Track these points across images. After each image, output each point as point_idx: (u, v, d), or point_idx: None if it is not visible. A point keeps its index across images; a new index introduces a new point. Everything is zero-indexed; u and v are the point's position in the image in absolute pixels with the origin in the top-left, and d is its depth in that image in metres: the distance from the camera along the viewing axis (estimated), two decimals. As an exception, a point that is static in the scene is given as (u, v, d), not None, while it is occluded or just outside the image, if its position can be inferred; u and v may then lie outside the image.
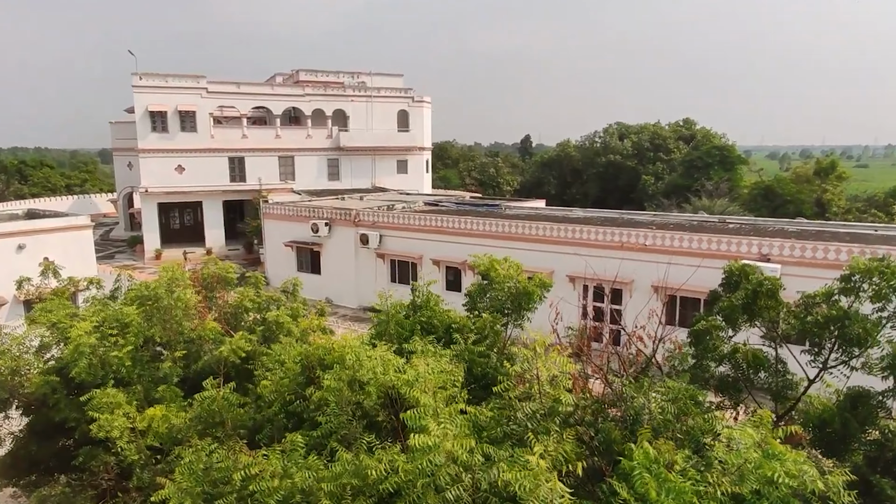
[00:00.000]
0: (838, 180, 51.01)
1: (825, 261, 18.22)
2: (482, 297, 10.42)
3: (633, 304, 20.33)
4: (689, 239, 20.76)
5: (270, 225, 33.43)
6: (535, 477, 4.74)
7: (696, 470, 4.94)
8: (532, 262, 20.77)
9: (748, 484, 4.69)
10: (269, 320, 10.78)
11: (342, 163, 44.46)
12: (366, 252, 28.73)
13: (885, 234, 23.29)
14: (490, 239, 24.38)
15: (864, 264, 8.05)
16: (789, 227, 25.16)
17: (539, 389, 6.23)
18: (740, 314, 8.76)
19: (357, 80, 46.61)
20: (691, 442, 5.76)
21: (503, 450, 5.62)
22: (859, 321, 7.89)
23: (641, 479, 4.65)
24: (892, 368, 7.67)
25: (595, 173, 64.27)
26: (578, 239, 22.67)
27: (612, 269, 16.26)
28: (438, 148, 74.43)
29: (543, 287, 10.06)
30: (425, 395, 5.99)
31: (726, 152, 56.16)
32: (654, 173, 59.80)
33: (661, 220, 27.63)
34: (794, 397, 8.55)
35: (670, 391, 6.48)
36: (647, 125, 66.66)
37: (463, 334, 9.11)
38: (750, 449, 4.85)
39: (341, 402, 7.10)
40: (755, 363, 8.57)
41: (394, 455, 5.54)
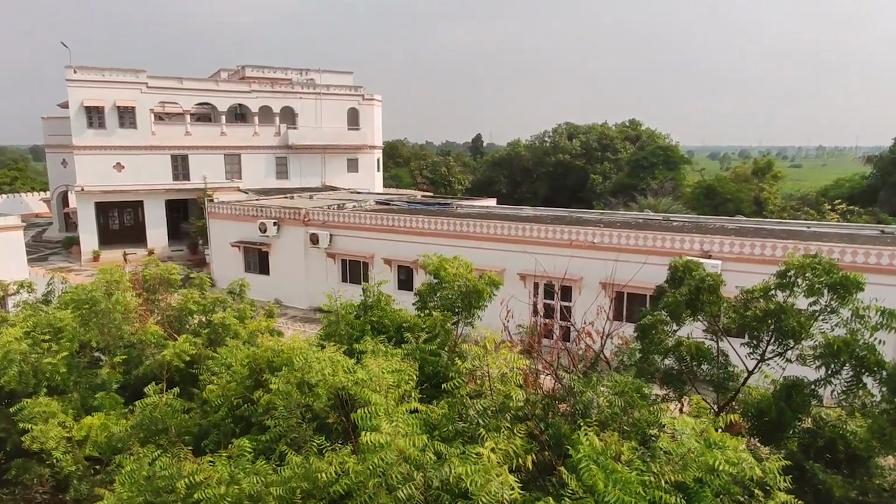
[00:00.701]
0: (774, 180, 53.46)
1: (762, 257, 19.03)
2: (432, 296, 10.42)
3: (582, 301, 20.77)
4: (635, 237, 21.32)
5: (216, 225, 32.54)
6: (486, 472, 4.77)
7: (641, 460, 5.06)
8: (483, 260, 20.91)
9: (690, 472, 4.83)
10: (214, 323, 10.48)
11: (291, 161, 43.69)
12: (316, 252, 28.32)
13: (817, 231, 24.54)
14: (441, 238, 24.42)
15: (799, 260, 8.42)
16: (729, 225, 26.16)
17: (490, 386, 6.27)
18: (684, 309, 9.04)
19: (305, 77, 45.89)
20: (637, 433, 5.90)
21: (455, 447, 5.62)
22: (794, 315, 8.26)
23: (589, 471, 4.73)
24: (824, 359, 8.05)
25: (545, 172, 65.30)
26: (528, 237, 22.95)
27: (561, 267, 16.53)
28: (390, 146, 74.05)
29: (493, 285, 10.14)
30: (377, 394, 5.95)
31: (670, 152, 58.09)
32: (602, 173, 61.22)
33: (609, 219, 28.29)
34: (734, 388, 8.88)
35: (617, 385, 6.62)
36: (595, 125, 68.20)
37: (414, 333, 9.10)
38: (692, 438, 5.00)
39: (290, 404, 6.97)
40: (698, 356, 8.87)
41: (344, 456, 5.47)
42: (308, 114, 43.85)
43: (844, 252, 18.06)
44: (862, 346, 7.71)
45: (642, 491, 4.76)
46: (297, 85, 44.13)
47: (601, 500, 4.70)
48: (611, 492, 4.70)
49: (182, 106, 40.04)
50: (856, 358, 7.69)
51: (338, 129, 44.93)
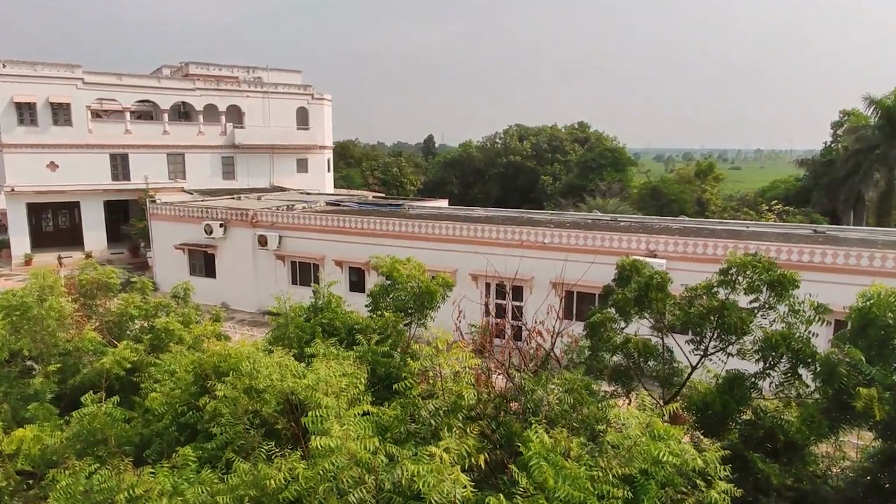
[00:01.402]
0: (715, 181, 55.59)
1: (705, 256, 19.71)
2: (385, 297, 10.38)
3: (533, 301, 21.03)
4: (584, 237, 21.74)
5: (159, 226, 31.45)
6: (439, 472, 4.75)
7: (590, 455, 5.14)
8: (435, 261, 20.92)
9: (636, 464, 4.94)
10: (157, 328, 10.10)
11: (238, 161, 42.66)
12: (264, 254, 27.72)
13: (756, 231, 25.61)
14: (393, 239, 24.30)
15: (740, 259, 8.75)
16: (673, 225, 26.99)
17: (442, 386, 6.26)
18: (632, 307, 9.26)
19: (253, 76, 44.90)
20: (586, 429, 6.00)
21: (407, 448, 5.59)
22: (735, 311, 8.57)
23: (539, 468, 4.78)
24: (763, 353, 8.38)
25: (496, 173, 65.92)
26: (480, 238, 23.10)
27: (512, 267, 16.70)
28: (340, 147, 73.29)
29: (446, 286, 10.18)
30: (327, 397, 5.86)
31: (617, 154, 59.64)
32: (552, 174, 62.26)
33: (559, 219, 28.77)
34: (679, 383, 9.15)
35: (567, 383, 6.72)
36: (545, 127, 69.31)
37: (366, 335, 9.01)
38: (638, 431, 5.12)
39: (237, 411, 6.78)
40: (645, 352, 9.10)
41: (294, 462, 5.35)
42: (255, 113, 42.92)
43: (781, 251, 18.90)
44: (798, 339, 8.06)
45: (591, 485, 4.83)
46: (244, 83, 43.14)
47: (551, 496, 4.75)
48: (561, 488, 4.76)
49: (121, 103, 38.54)
50: (792, 351, 8.03)
51: (287, 128, 44.14)
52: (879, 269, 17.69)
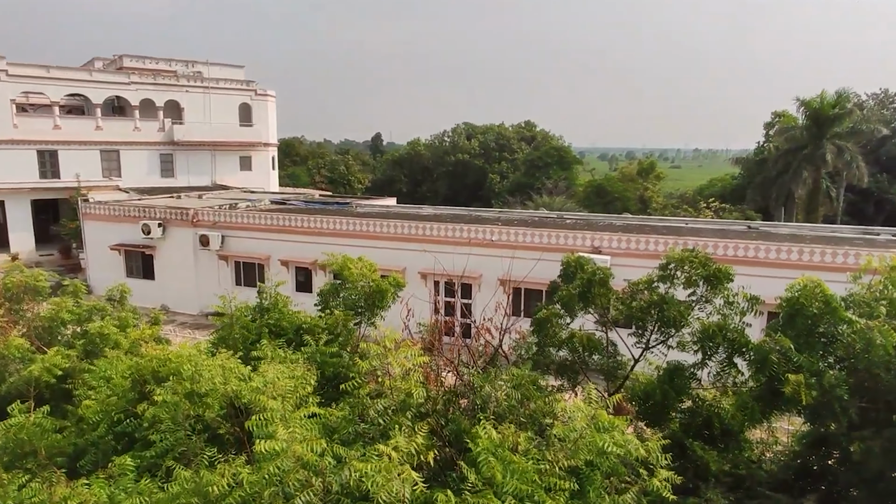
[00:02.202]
0: (657, 179, 57.49)
1: (647, 252, 20.32)
2: (335, 296, 10.29)
3: (481, 298, 21.18)
4: (531, 234, 22.07)
5: (92, 226, 30.07)
6: (388, 471, 4.72)
7: (537, 449, 5.21)
8: (383, 259, 20.77)
9: (582, 456, 5.05)
10: (91, 333, 9.66)
11: (177, 158, 41.21)
12: (207, 254, 26.90)
13: (694, 227, 26.60)
14: (341, 238, 24.02)
15: (678, 254, 9.06)
16: (617, 222, 27.73)
17: (391, 385, 6.22)
18: (577, 302, 9.46)
19: (192, 70, 43.43)
20: (534, 424, 6.08)
21: (356, 449, 5.54)
22: (675, 305, 8.87)
23: (488, 464, 4.82)
24: (701, 344, 8.71)
25: (445, 171, 66.11)
26: (429, 236, 23.10)
27: (461, 265, 16.77)
28: (286, 144, 71.90)
29: (397, 286, 10.16)
30: (273, 400, 5.73)
31: (563, 153, 60.80)
32: (500, 172, 62.91)
33: (506, 217, 29.10)
34: (622, 376, 9.41)
35: (515, 378, 6.80)
36: (493, 126, 69.94)
37: (314, 335, 8.88)
38: (583, 424, 5.23)
39: (178, 416, 6.55)
40: (590, 346, 9.31)
41: (238, 467, 5.20)
42: (195, 108, 41.54)
43: (717, 246, 19.69)
44: (733, 330, 8.42)
45: (538, 479, 4.91)
46: (183, 78, 41.67)
47: (500, 491, 4.79)
48: (509, 482, 4.81)
49: (49, 97, 36.58)
50: (728, 341, 8.38)
51: (229, 124, 42.92)
52: (807, 263, 18.67)
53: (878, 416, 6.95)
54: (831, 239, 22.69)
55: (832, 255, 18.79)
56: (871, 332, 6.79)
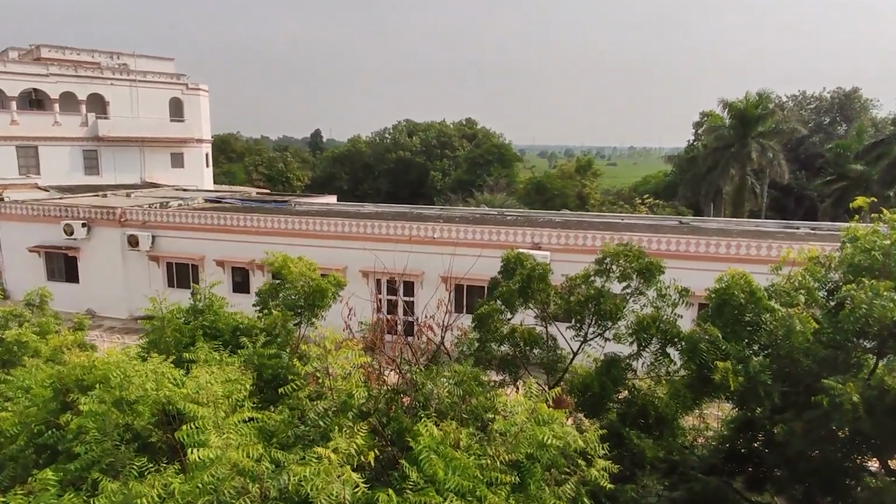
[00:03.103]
0: (594, 177, 59.00)
1: (584, 247, 20.81)
2: (274, 296, 10.08)
3: (424, 295, 21.17)
4: (472, 231, 22.22)
5: (9, 227, 28.25)
6: (328, 473, 4.64)
7: (479, 445, 5.24)
8: (324, 258, 20.45)
9: (523, 449, 5.11)
10: (7, 341, 9.06)
11: (103, 155, 39.18)
12: (136, 255, 25.76)
13: (629, 223, 27.45)
14: (280, 237, 23.50)
15: (613, 249, 9.31)
16: (556, 218, 28.30)
17: (330, 386, 6.12)
18: (517, 298, 9.57)
19: (118, 62, 41.33)
20: (476, 419, 6.11)
21: (295, 453, 5.41)
22: (610, 298, 9.12)
23: (429, 461, 4.81)
24: (636, 335, 8.98)
25: (386, 169, 65.71)
26: (370, 234, 22.92)
27: (402, 263, 16.71)
28: (220, 141, 69.69)
29: (338, 285, 10.02)
30: (206, 406, 5.53)
31: (504, 150, 61.54)
32: (442, 169, 63.05)
33: (448, 214, 29.19)
34: (562, 369, 9.60)
35: (456, 375, 6.81)
36: (434, 123, 70.01)
37: (251, 337, 8.65)
38: (523, 417, 5.29)
39: (106, 426, 6.22)
40: (530, 341, 9.45)
41: (169, 477, 4.99)
42: (122, 102, 39.58)
43: (651, 241, 20.39)
44: (665, 321, 8.73)
45: (480, 474, 4.93)
46: (108, 70, 39.59)
47: (442, 487, 4.79)
48: (450, 479, 4.81)
49: (-41, 89, 34.13)
50: (661, 332, 8.68)
51: (159, 120, 41.12)
52: (734, 256, 19.60)
53: (799, 399, 7.35)
54: (756, 233, 23.91)
55: (756, 249, 19.79)
56: (792, 320, 7.17)
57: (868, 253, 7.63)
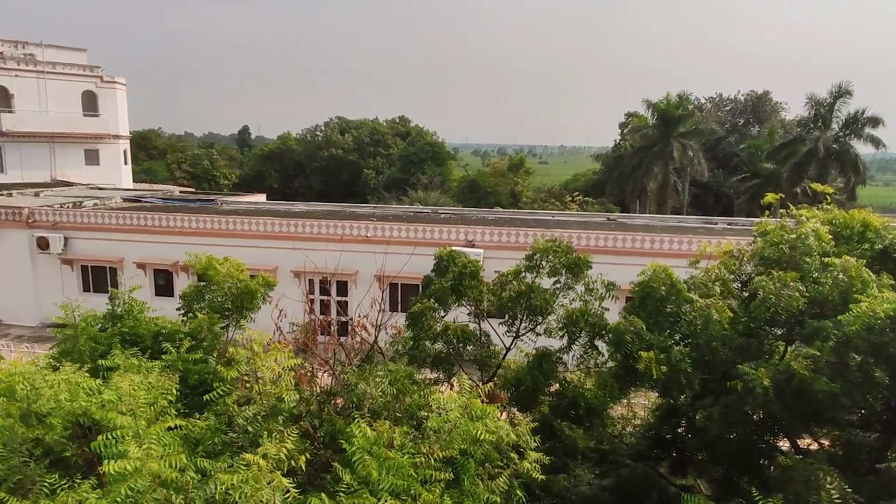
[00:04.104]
0: (526, 175, 60.19)
1: (516, 244, 21.17)
2: (199, 299, 9.71)
3: (358, 295, 20.93)
4: (406, 229, 22.18)
5: None
6: (256, 480, 4.50)
7: (413, 443, 5.23)
8: (253, 258, 19.90)
9: (457, 445, 5.14)
10: None
11: (7, 151, 36.49)
12: (46, 259, 24.19)
13: (560, 220, 28.15)
14: (206, 237, 22.67)
15: (543, 245, 9.50)
16: (490, 216, 28.65)
17: (259, 390, 5.94)
18: (450, 295, 9.62)
19: (24, 52, 38.57)
20: (410, 418, 6.09)
21: (222, 461, 5.23)
22: (541, 293, 9.30)
23: (363, 462, 4.76)
24: (566, 329, 9.20)
25: (318, 167, 64.60)
26: (301, 233, 22.49)
27: (334, 262, 16.47)
28: (140, 137, 66.48)
29: (267, 286, 9.76)
30: (124, 416, 5.25)
31: (437, 149, 61.75)
32: (375, 167, 62.60)
33: (381, 213, 29.00)
34: (495, 364, 9.72)
35: (390, 374, 6.77)
36: (367, 121, 69.39)
37: (175, 342, 8.28)
38: (457, 413, 5.32)
39: (13, 442, 5.81)
40: (464, 338, 9.51)
41: (84, 492, 4.71)
42: (28, 95, 36.95)
43: (580, 237, 20.98)
44: (593, 314, 8.99)
45: (414, 472, 4.92)
46: (12, 60, 36.86)
47: (376, 488, 4.75)
48: (384, 479, 4.78)
49: None
50: (589, 325, 8.93)
51: (70, 114, 38.65)
52: (658, 251, 20.46)
53: (717, 385, 7.74)
54: (678, 228, 25.05)
55: (678, 243, 20.74)
56: (709, 311, 7.55)
57: (777, 246, 8.12)
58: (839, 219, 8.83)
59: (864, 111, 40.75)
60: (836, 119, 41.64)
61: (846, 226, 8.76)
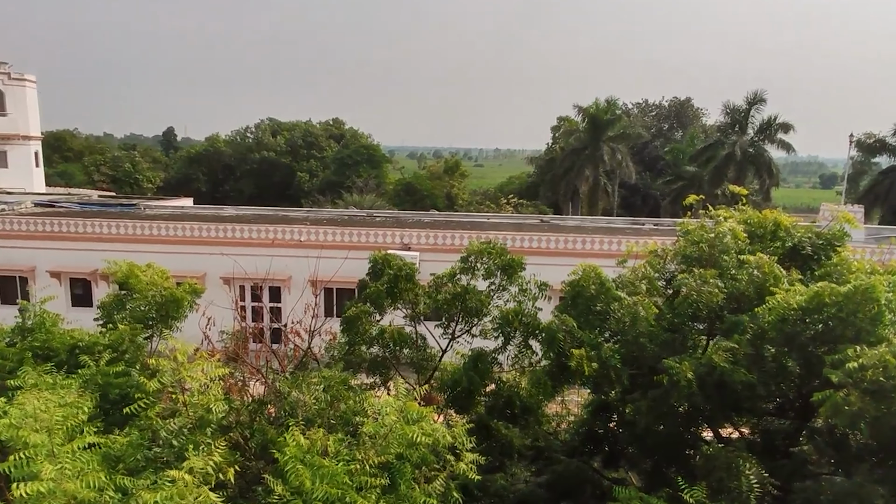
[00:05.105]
0: (462, 177, 60.65)
1: (452, 246, 21.28)
2: (121, 308, 9.26)
3: (292, 301, 20.47)
4: (341, 233, 21.90)
5: None
6: (182, 496, 4.31)
7: (348, 450, 5.14)
8: (180, 265, 19.16)
9: (393, 450, 5.09)
10: None
11: None
12: (-51, 268, 22.38)
13: (496, 222, 28.52)
14: (127, 243, 21.60)
15: (477, 247, 9.59)
16: (426, 219, 28.68)
17: (185, 401, 5.69)
18: (385, 298, 9.56)
19: (-79, 47, 35.65)
20: (345, 424, 5.99)
21: (144, 478, 4.97)
22: (476, 295, 9.39)
23: (296, 472, 4.64)
24: (501, 329, 9.32)
25: (249, 170, 62.77)
26: (230, 238, 21.82)
27: (266, 268, 16.05)
28: (54, 138, 62.71)
29: (194, 293, 9.41)
30: (38, 434, 4.91)
31: (373, 151, 61.28)
32: (309, 170, 61.43)
33: (315, 216, 28.51)
34: (432, 367, 9.73)
35: (325, 380, 6.65)
36: (300, 123, 68.03)
37: (94, 355, 7.83)
38: (393, 418, 5.27)
39: None
40: (400, 341, 9.47)
41: (-11, 520, 4.37)
42: (-74, 92, 34.20)
43: (514, 238, 21.32)
44: (527, 314, 9.15)
45: (349, 479, 4.84)
46: None
47: (310, 498, 4.64)
48: (318, 488, 4.67)
49: None
50: (524, 325, 9.08)
51: (-25, 114, 36.05)
52: (589, 251, 21.06)
53: (645, 380, 8.02)
54: (608, 229, 25.87)
55: (608, 244, 21.42)
56: (636, 308, 7.81)
57: (697, 245, 8.51)
58: (753, 218, 9.34)
59: (777, 117, 43.51)
60: (752, 125, 44.25)
61: (760, 225, 9.28)
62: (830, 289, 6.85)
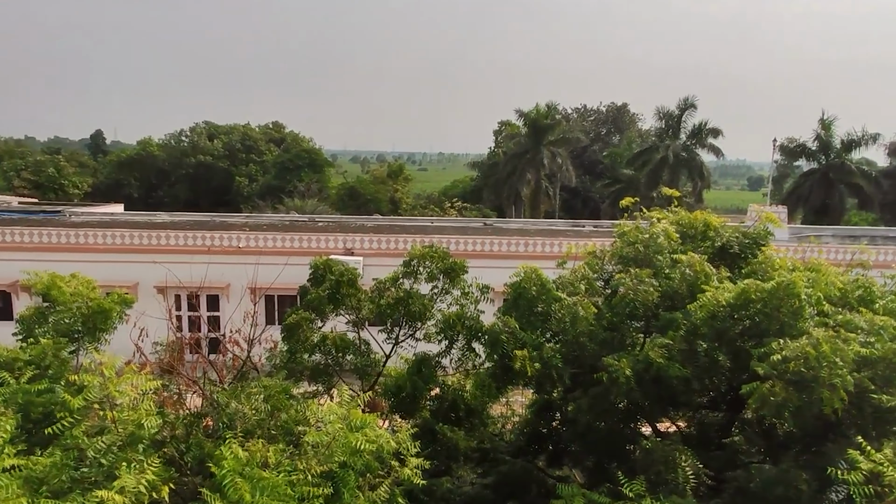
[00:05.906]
0: (406, 181, 60.55)
1: (395, 250, 21.19)
2: (42, 321, 8.73)
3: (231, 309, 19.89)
4: (281, 238, 21.45)
5: None
6: (111, 520, 4.10)
7: (290, 460, 5.03)
8: (109, 274, 18.33)
9: (336, 458, 5.01)
10: None
11: None
12: None
13: (439, 226, 28.58)
14: (51, 252, 20.45)
15: (420, 251, 9.57)
16: (369, 223, 28.45)
17: (114, 417, 5.43)
18: (327, 304, 9.41)
19: None
20: (287, 434, 5.86)
21: (70, 500, 4.72)
22: (419, 298, 9.36)
23: (234, 486, 4.50)
24: (444, 333, 9.32)
25: (184, 174, 60.67)
26: (163, 246, 21.01)
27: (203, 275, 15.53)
28: (-30, 142, 58.72)
29: (124, 303, 8.99)
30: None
31: (314, 155, 60.35)
32: (248, 175, 59.92)
33: (255, 222, 27.83)
34: (375, 372, 9.64)
35: (265, 390, 6.49)
36: (237, 126, 66.29)
37: (13, 371, 7.37)
38: (337, 426, 5.18)
39: None
40: (343, 347, 9.35)
41: None
42: None
43: (458, 242, 21.43)
44: (470, 317, 9.19)
45: (291, 490, 4.73)
46: None
47: (249, 512, 4.50)
48: (259, 501, 4.55)
49: None
50: (467, 328, 9.12)
51: None
52: (531, 253, 21.39)
53: (585, 378, 8.20)
54: (549, 231, 26.37)
55: (549, 245, 21.83)
56: (576, 308, 7.98)
57: (633, 246, 8.79)
58: (685, 219, 9.72)
59: (707, 123, 45.51)
60: (684, 129, 46.11)
61: (691, 226, 9.66)
62: (756, 286, 7.19)
